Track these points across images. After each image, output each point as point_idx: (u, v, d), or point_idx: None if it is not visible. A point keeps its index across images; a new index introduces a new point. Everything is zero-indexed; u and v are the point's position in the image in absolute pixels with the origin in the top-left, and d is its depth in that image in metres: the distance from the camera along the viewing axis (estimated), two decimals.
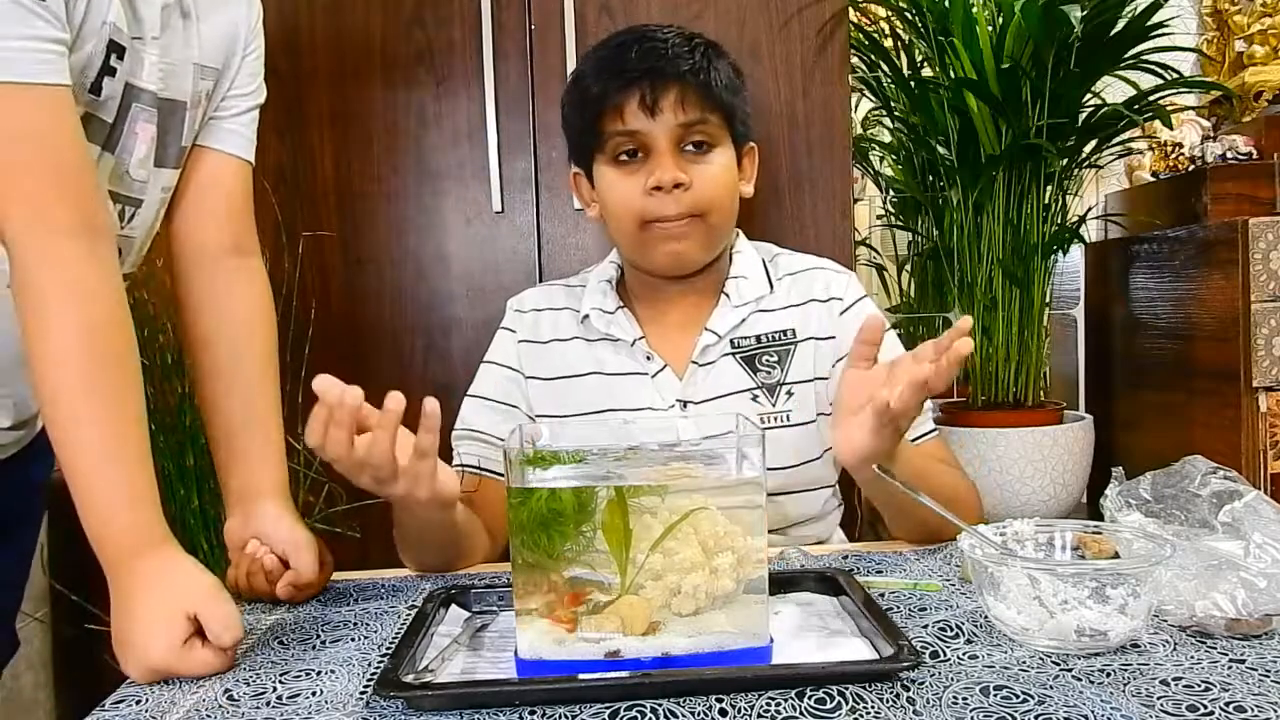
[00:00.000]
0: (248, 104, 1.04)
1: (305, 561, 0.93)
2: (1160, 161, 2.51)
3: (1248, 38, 2.64)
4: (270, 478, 0.99)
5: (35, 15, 0.75)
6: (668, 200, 1.07)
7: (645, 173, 1.08)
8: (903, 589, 0.89)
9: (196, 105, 0.95)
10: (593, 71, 1.10)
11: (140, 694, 0.71)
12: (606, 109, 1.08)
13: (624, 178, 1.09)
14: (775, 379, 1.13)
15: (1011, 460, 2.06)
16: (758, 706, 0.64)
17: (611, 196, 1.11)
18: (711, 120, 1.09)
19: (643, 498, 0.68)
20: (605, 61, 1.10)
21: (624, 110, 1.07)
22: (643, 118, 1.07)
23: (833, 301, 1.15)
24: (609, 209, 1.12)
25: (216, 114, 1.01)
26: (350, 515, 1.65)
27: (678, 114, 1.07)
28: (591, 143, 1.11)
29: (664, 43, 1.08)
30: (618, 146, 1.09)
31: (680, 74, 1.07)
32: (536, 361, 1.18)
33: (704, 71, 1.08)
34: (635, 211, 1.09)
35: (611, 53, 1.10)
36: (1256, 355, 1.92)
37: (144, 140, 0.90)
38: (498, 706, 0.65)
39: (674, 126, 1.07)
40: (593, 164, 1.13)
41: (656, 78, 1.06)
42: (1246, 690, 0.64)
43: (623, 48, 1.09)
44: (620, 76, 1.07)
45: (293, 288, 1.68)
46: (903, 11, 2.23)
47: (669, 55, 1.07)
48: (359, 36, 1.67)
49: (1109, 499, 0.87)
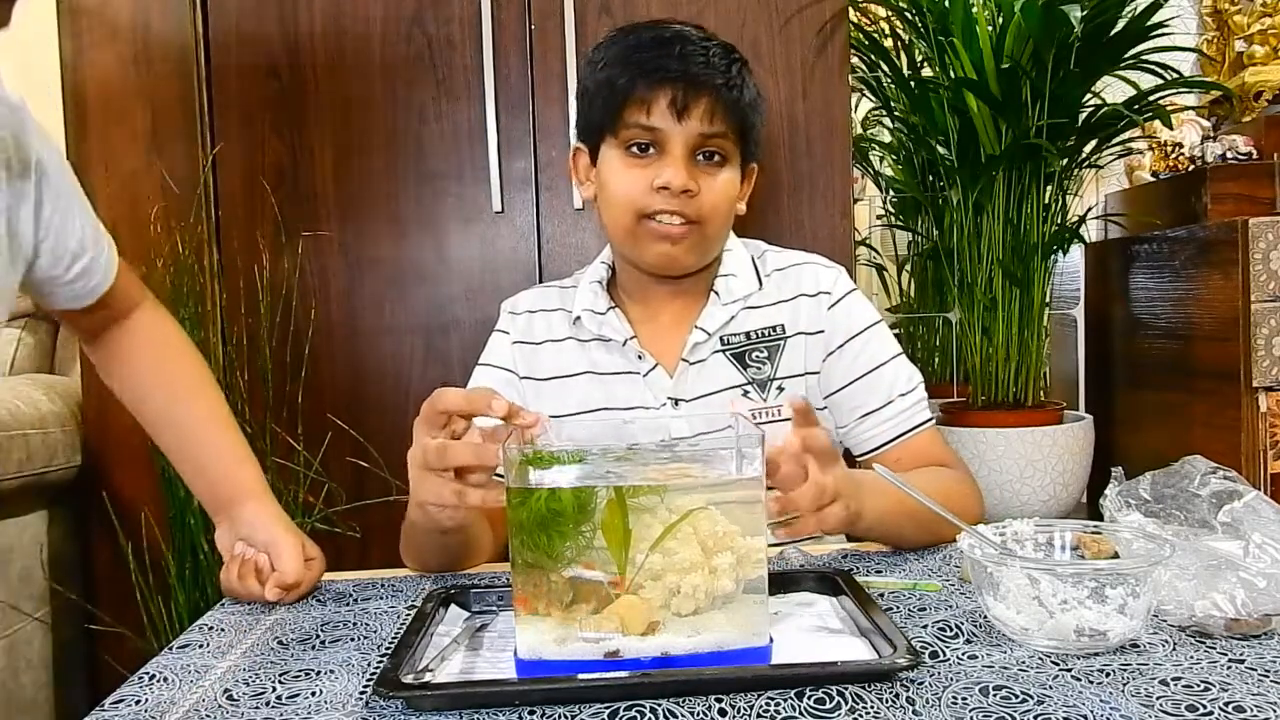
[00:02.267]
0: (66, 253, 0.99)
1: (286, 563, 0.93)
2: (1160, 161, 2.51)
3: (1248, 38, 2.64)
4: (243, 481, 1.00)
5: None
6: (672, 202, 1.07)
7: (654, 170, 1.08)
8: (902, 589, 0.89)
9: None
10: (623, 58, 1.09)
11: (140, 694, 0.71)
12: (633, 100, 1.07)
13: (631, 169, 1.09)
14: (766, 374, 1.14)
15: (1011, 460, 2.06)
16: (757, 706, 0.64)
17: (614, 184, 1.10)
18: (730, 136, 1.10)
19: (642, 497, 0.68)
20: (642, 51, 1.08)
21: (651, 106, 1.07)
22: (669, 118, 1.07)
23: (821, 296, 1.16)
24: (608, 194, 1.12)
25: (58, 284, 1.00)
26: (350, 515, 1.66)
27: (703, 123, 1.07)
28: (607, 126, 1.10)
29: (704, 50, 1.08)
30: (633, 137, 1.09)
31: (715, 85, 1.07)
32: (531, 363, 1.18)
33: (737, 87, 1.09)
34: (636, 204, 1.09)
35: (647, 45, 1.09)
36: (1256, 355, 1.92)
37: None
38: (497, 706, 0.65)
39: (695, 134, 1.07)
40: (600, 144, 1.13)
41: (691, 83, 1.06)
42: (1246, 690, 0.64)
43: (661, 43, 1.08)
44: (656, 72, 1.06)
45: (293, 288, 1.68)
46: (903, 11, 2.23)
47: (708, 64, 1.07)
48: (359, 36, 1.67)
49: (1109, 499, 0.87)
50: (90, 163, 1.67)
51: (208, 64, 1.68)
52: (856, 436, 1.15)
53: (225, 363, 1.64)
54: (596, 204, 1.15)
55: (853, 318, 1.15)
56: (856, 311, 1.16)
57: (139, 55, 1.68)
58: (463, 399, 0.80)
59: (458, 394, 0.81)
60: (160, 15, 1.68)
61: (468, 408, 0.80)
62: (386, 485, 1.63)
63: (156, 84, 1.68)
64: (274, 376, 1.65)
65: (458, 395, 0.81)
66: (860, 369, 1.14)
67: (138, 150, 1.68)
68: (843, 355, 1.14)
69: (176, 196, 1.65)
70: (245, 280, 1.67)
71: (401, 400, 1.69)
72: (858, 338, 1.14)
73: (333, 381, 1.69)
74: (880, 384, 1.13)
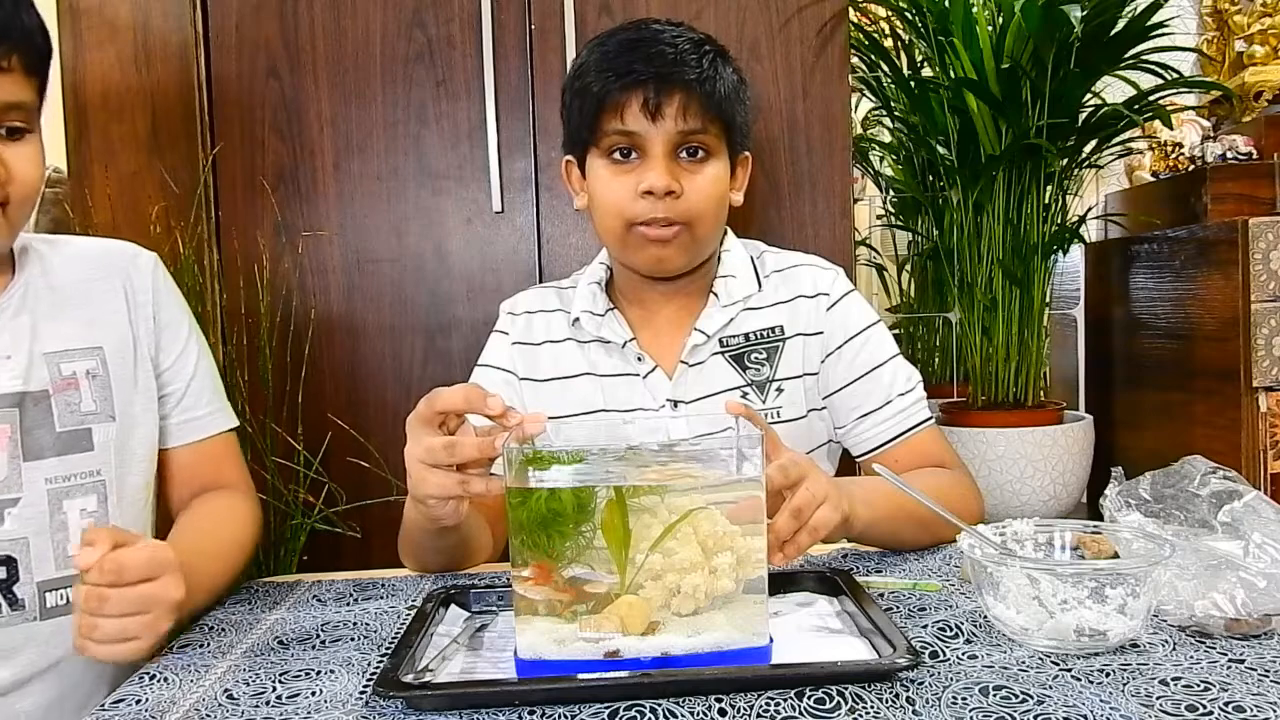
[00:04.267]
0: (181, 381, 1.05)
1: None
2: (1160, 161, 2.51)
3: (1248, 38, 2.64)
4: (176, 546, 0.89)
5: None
6: (657, 205, 1.07)
7: (638, 175, 1.07)
8: (902, 589, 0.89)
9: (68, 389, 0.96)
10: (597, 66, 1.08)
11: (140, 693, 0.71)
12: (607, 106, 1.07)
13: (616, 176, 1.09)
14: (765, 376, 1.14)
15: (1011, 460, 2.06)
16: (757, 706, 0.64)
17: (601, 193, 1.10)
18: (711, 130, 1.08)
19: (642, 497, 0.68)
20: (611, 57, 1.08)
21: (624, 110, 1.06)
22: (643, 120, 1.06)
23: (820, 297, 1.16)
24: (597, 204, 1.12)
25: (166, 410, 1.04)
26: (350, 515, 1.66)
27: (678, 121, 1.06)
28: (588, 137, 1.10)
29: (673, 46, 1.07)
30: (613, 144, 1.09)
31: (686, 81, 1.06)
32: (530, 363, 1.18)
33: (710, 80, 1.07)
34: (624, 212, 1.08)
35: (618, 49, 1.08)
36: (1256, 355, 1.92)
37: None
38: (497, 706, 0.65)
39: (673, 133, 1.06)
40: (586, 155, 1.13)
41: (661, 82, 1.05)
42: (1246, 690, 0.64)
43: (630, 45, 1.08)
44: (625, 76, 1.06)
45: (293, 288, 1.68)
46: (903, 11, 2.23)
47: (677, 60, 1.06)
48: (359, 36, 1.67)
49: (1109, 499, 0.87)
50: (90, 163, 1.67)
51: (208, 64, 1.68)
52: (856, 437, 1.15)
53: (225, 363, 1.64)
54: (591, 214, 1.15)
55: (851, 318, 1.15)
56: (855, 312, 1.16)
57: (139, 55, 1.68)
58: (460, 398, 0.80)
59: (455, 393, 0.81)
60: (160, 15, 1.68)
61: (465, 406, 0.80)
62: (386, 485, 1.63)
63: (156, 84, 1.68)
64: (274, 376, 1.65)
65: (455, 394, 0.81)
66: (859, 369, 1.14)
67: (138, 150, 1.68)
68: (841, 356, 1.14)
69: (176, 196, 1.65)
70: (245, 280, 1.67)
71: (401, 400, 1.69)
72: (856, 338, 1.14)
73: (333, 381, 1.69)
74: (879, 384, 1.13)
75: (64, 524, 0.93)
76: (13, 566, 0.90)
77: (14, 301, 0.96)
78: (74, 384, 0.96)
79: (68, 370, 0.96)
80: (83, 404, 0.96)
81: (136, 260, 1.04)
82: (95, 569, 0.74)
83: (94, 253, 1.04)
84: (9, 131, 0.89)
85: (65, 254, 1.02)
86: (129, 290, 1.03)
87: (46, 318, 0.97)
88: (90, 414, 0.96)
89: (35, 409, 0.93)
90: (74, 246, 1.04)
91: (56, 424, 0.94)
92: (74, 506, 0.94)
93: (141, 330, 1.02)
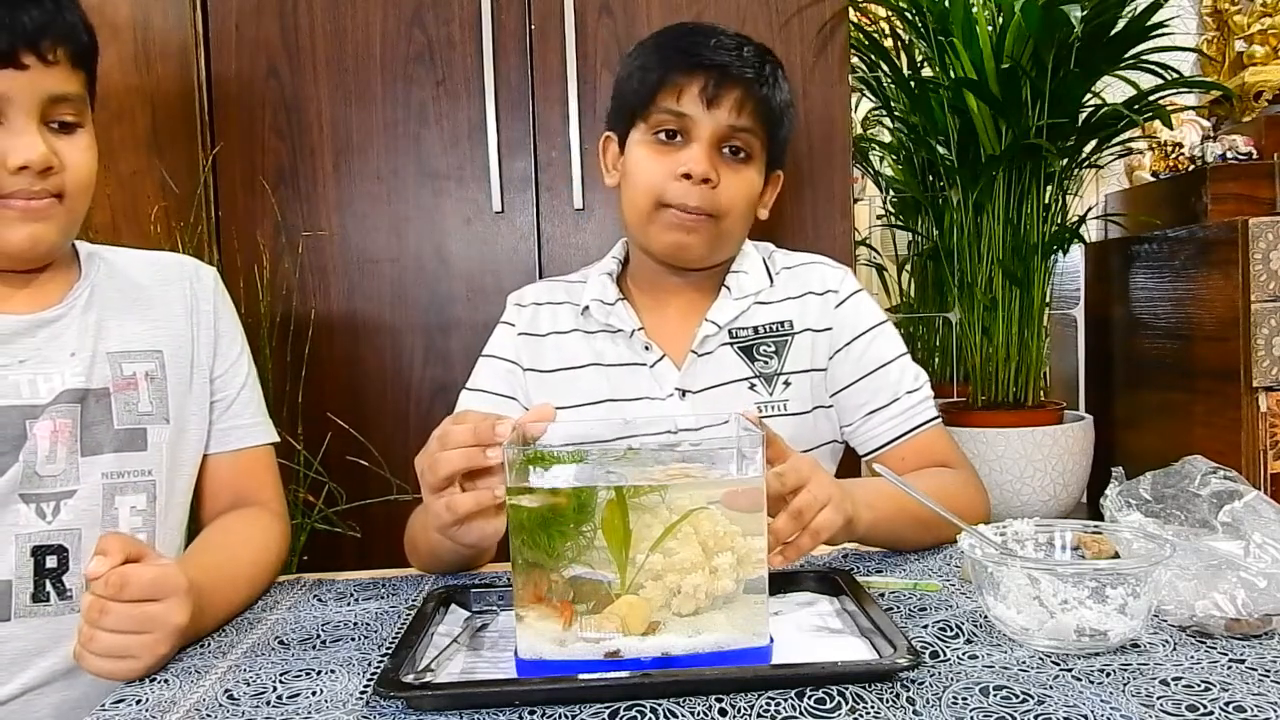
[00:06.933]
0: (232, 389, 1.06)
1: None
2: (1160, 161, 2.52)
3: (1248, 38, 2.64)
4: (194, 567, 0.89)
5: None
6: (691, 191, 1.09)
7: (679, 158, 1.09)
8: (903, 589, 0.89)
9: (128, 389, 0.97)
10: (661, 47, 1.12)
11: (140, 693, 0.71)
12: (666, 84, 1.09)
13: (656, 155, 1.11)
14: (773, 369, 1.14)
15: (1011, 460, 2.06)
16: (757, 706, 0.64)
17: (638, 169, 1.12)
18: (757, 133, 1.11)
19: (643, 497, 0.68)
20: (680, 39, 1.12)
21: (682, 92, 1.09)
22: (698, 105, 1.08)
23: (829, 294, 1.17)
24: (630, 179, 1.13)
25: (213, 418, 1.05)
26: (350, 515, 1.65)
27: (731, 114, 1.09)
28: (638, 111, 1.12)
29: (739, 47, 1.11)
30: (661, 123, 1.10)
31: (746, 79, 1.09)
32: (535, 354, 1.18)
33: (769, 86, 1.11)
34: (656, 191, 1.10)
35: (688, 33, 1.12)
36: (1256, 355, 1.92)
37: (44, 437, 0.92)
38: (497, 706, 0.65)
39: (723, 125, 1.09)
40: (630, 130, 1.14)
41: (724, 74, 1.08)
42: (1246, 690, 0.64)
43: (700, 34, 1.12)
44: (692, 59, 1.08)
45: (293, 288, 1.68)
46: (903, 11, 2.24)
47: (741, 59, 1.09)
48: (359, 36, 1.67)
49: (1109, 499, 0.87)
50: None
51: (208, 64, 1.68)
52: (862, 434, 1.15)
53: None
54: (621, 191, 1.16)
55: (859, 316, 1.16)
56: (863, 310, 1.16)
57: (139, 55, 1.68)
58: (470, 437, 0.77)
59: (464, 433, 0.77)
60: (160, 15, 1.68)
61: (466, 464, 0.78)
62: (386, 485, 1.63)
63: (156, 84, 1.68)
64: (274, 376, 1.65)
65: (465, 434, 0.77)
66: (866, 367, 1.14)
67: (137, 150, 1.68)
68: (849, 353, 1.14)
69: (176, 196, 1.65)
70: (245, 280, 1.67)
71: (402, 400, 1.69)
72: (864, 336, 1.15)
73: (333, 381, 1.69)
74: (886, 382, 1.13)
75: (115, 519, 0.95)
76: (64, 556, 0.92)
77: (82, 299, 0.98)
78: (133, 384, 0.98)
79: (129, 370, 0.98)
80: (140, 404, 0.98)
81: (199, 271, 1.08)
82: (101, 580, 0.74)
83: (159, 261, 1.07)
84: (61, 125, 0.92)
85: (131, 260, 1.05)
86: (192, 299, 1.05)
87: (111, 317, 0.99)
88: (146, 415, 0.98)
89: (96, 405, 0.95)
90: (139, 255, 1.07)
91: (115, 422, 0.96)
92: (125, 503, 0.96)
93: (202, 338, 1.04)
